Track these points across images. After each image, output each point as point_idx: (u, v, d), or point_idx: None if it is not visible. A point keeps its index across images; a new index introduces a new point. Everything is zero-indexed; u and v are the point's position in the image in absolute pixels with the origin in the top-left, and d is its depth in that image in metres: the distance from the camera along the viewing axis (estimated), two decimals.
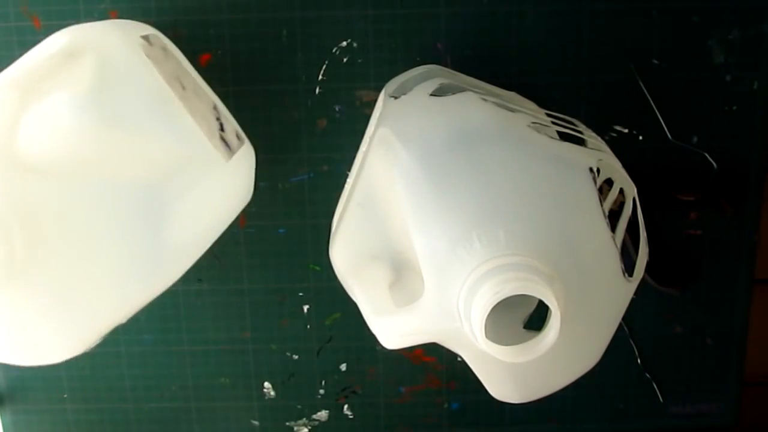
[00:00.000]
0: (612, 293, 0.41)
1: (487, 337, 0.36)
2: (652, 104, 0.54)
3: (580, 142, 0.43)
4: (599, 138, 0.45)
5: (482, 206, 0.38)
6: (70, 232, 0.38)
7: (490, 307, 0.35)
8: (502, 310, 0.37)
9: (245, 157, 0.50)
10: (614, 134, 0.54)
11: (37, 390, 0.58)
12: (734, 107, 0.54)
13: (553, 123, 0.44)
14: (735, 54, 0.53)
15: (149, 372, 0.58)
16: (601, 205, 0.39)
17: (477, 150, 0.39)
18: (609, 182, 0.42)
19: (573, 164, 0.39)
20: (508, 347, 0.36)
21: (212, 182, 0.45)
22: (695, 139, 0.54)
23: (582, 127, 0.46)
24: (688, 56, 0.53)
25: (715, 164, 0.55)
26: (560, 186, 0.39)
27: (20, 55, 0.43)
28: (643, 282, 0.55)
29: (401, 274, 0.44)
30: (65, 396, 0.58)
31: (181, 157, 0.42)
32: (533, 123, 0.42)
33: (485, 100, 0.42)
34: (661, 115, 0.54)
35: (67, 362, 0.42)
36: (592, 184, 0.39)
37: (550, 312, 0.36)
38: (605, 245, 0.39)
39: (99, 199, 0.39)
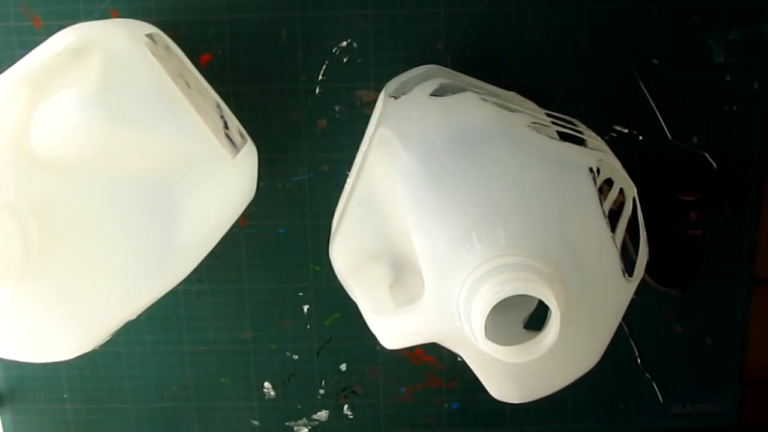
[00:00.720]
0: (612, 293, 0.41)
1: (487, 337, 0.36)
2: (652, 104, 0.54)
3: (580, 142, 0.43)
4: (599, 138, 0.45)
5: (482, 206, 0.38)
6: (78, 229, 0.38)
7: (490, 308, 0.35)
8: (502, 310, 0.37)
9: (249, 155, 0.50)
10: (614, 134, 0.54)
11: (37, 390, 0.58)
12: (734, 107, 0.54)
13: (553, 123, 0.44)
14: (735, 54, 0.53)
15: (149, 372, 0.58)
16: (601, 205, 0.39)
17: (477, 150, 0.39)
18: (609, 182, 0.42)
19: (573, 164, 0.39)
20: (508, 347, 0.36)
21: (218, 180, 0.45)
22: (695, 139, 0.54)
23: (582, 127, 0.46)
24: (688, 56, 0.53)
25: (715, 164, 0.55)
26: (560, 186, 0.39)
27: (20, 55, 0.43)
28: (643, 282, 0.55)
29: (401, 274, 0.44)
30: (65, 396, 0.58)
31: (187, 154, 0.42)
32: (533, 123, 0.42)
33: (485, 100, 0.42)
34: (661, 115, 0.54)
35: (67, 362, 0.42)
36: (592, 184, 0.39)
37: (550, 312, 0.36)
38: (605, 245, 0.39)
39: (108, 197, 0.39)
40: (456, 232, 0.38)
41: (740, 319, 0.58)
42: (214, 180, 0.44)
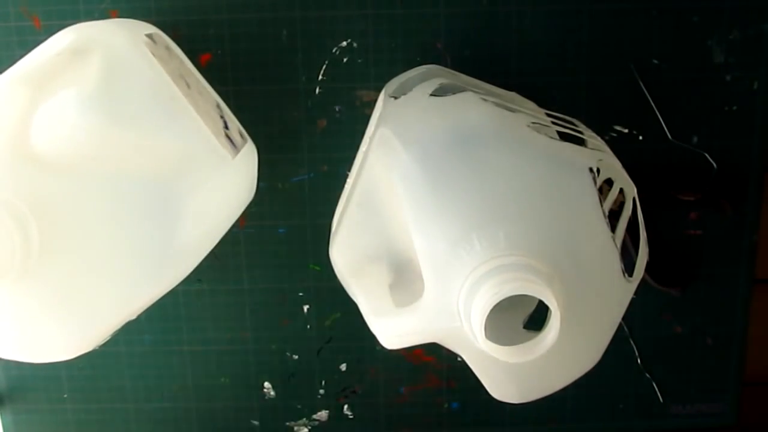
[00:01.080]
0: (612, 293, 0.41)
1: (487, 337, 0.36)
2: (652, 104, 0.54)
3: (580, 142, 0.43)
4: (599, 138, 0.45)
5: (482, 207, 0.38)
6: (78, 229, 0.38)
7: (490, 308, 0.35)
8: (503, 310, 0.37)
9: (249, 155, 0.50)
10: (614, 134, 0.54)
11: (37, 390, 0.58)
12: (734, 107, 0.54)
13: (553, 123, 0.44)
14: (735, 54, 0.53)
15: (149, 372, 0.58)
16: (601, 205, 0.39)
17: (476, 150, 0.39)
18: (609, 182, 0.42)
19: (572, 164, 0.39)
20: (508, 347, 0.36)
21: (218, 180, 0.45)
22: (695, 139, 0.54)
23: (582, 127, 0.46)
24: (688, 56, 0.53)
25: (715, 164, 0.55)
26: (560, 186, 0.39)
27: (20, 55, 0.43)
28: (643, 282, 0.55)
29: (401, 274, 0.44)
30: (65, 396, 0.58)
31: (187, 154, 0.42)
32: (533, 123, 0.42)
33: (485, 100, 0.42)
34: (661, 115, 0.54)
35: (67, 362, 0.42)
36: (592, 184, 0.39)
37: (550, 312, 0.36)
38: (605, 245, 0.39)
39: (108, 197, 0.39)
40: (456, 233, 0.38)
41: (740, 319, 0.58)
42: (214, 180, 0.44)
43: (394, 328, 0.41)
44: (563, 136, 0.43)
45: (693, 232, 0.56)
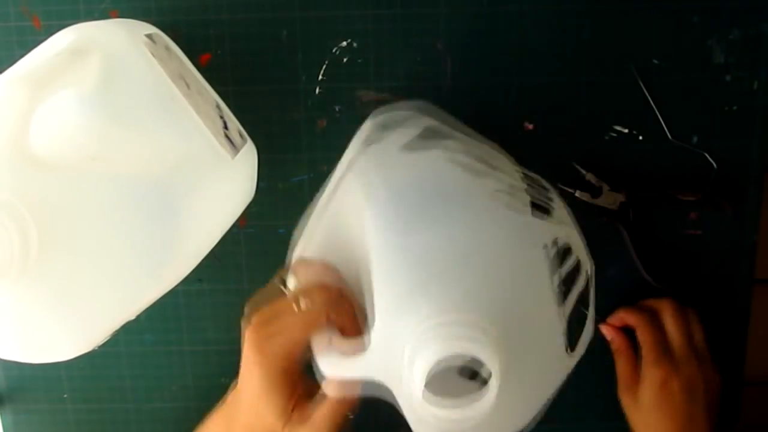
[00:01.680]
0: (552, 365, 0.42)
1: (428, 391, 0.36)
2: (652, 104, 0.54)
3: (545, 211, 0.43)
4: (566, 207, 0.45)
5: (445, 262, 0.39)
6: (78, 229, 0.38)
7: (432, 363, 0.36)
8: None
9: (248, 155, 0.50)
10: (614, 134, 0.54)
11: (37, 390, 0.58)
12: (734, 107, 0.54)
13: (528, 186, 0.44)
14: (735, 54, 0.53)
15: (149, 372, 0.58)
16: (552, 280, 0.40)
17: (443, 210, 0.41)
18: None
19: (528, 239, 0.41)
20: (446, 409, 0.37)
21: (218, 180, 0.45)
22: (695, 139, 0.54)
23: (553, 194, 0.46)
24: (688, 56, 0.53)
25: (715, 164, 0.55)
26: (514, 258, 0.40)
27: (20, 55, 0.43)
28: (643, 281, 0.55)
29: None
30: (65, 396, 0.58)
31: (186, 154, 0.42)
32: (497, 191, 0.42)
33: (454, 161, 0.43)
34: (661, 115, 0.54)
35: (67, 362, 0.42)
36: (545, 259, 0.40)
37: (491, 376, 0.36)
38: (551, 319, 0.40)
39: (107, 197, 0.39)
40: (416, 280, 0.39)
41: (740, 319, 0.58)
42: (214, 180, 0.44)
43: (337, 368, 0.42)
44: (532, 198, 0.43)
45: (693, 232, 0.56)
